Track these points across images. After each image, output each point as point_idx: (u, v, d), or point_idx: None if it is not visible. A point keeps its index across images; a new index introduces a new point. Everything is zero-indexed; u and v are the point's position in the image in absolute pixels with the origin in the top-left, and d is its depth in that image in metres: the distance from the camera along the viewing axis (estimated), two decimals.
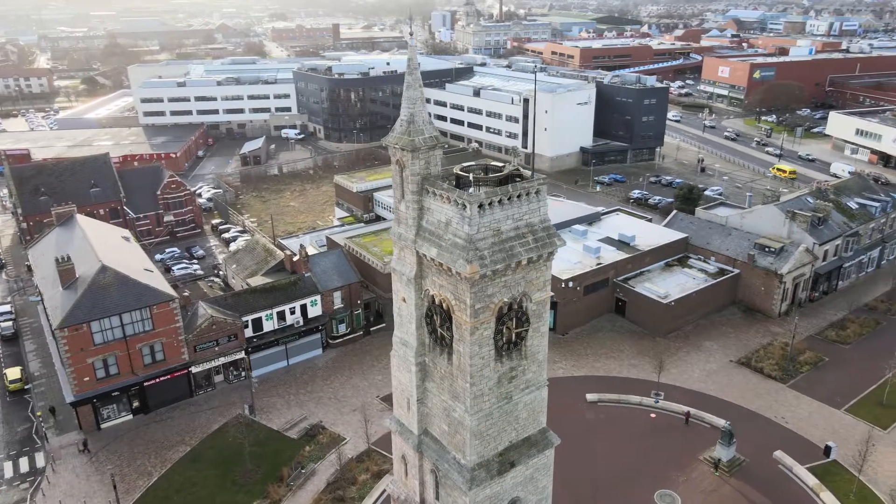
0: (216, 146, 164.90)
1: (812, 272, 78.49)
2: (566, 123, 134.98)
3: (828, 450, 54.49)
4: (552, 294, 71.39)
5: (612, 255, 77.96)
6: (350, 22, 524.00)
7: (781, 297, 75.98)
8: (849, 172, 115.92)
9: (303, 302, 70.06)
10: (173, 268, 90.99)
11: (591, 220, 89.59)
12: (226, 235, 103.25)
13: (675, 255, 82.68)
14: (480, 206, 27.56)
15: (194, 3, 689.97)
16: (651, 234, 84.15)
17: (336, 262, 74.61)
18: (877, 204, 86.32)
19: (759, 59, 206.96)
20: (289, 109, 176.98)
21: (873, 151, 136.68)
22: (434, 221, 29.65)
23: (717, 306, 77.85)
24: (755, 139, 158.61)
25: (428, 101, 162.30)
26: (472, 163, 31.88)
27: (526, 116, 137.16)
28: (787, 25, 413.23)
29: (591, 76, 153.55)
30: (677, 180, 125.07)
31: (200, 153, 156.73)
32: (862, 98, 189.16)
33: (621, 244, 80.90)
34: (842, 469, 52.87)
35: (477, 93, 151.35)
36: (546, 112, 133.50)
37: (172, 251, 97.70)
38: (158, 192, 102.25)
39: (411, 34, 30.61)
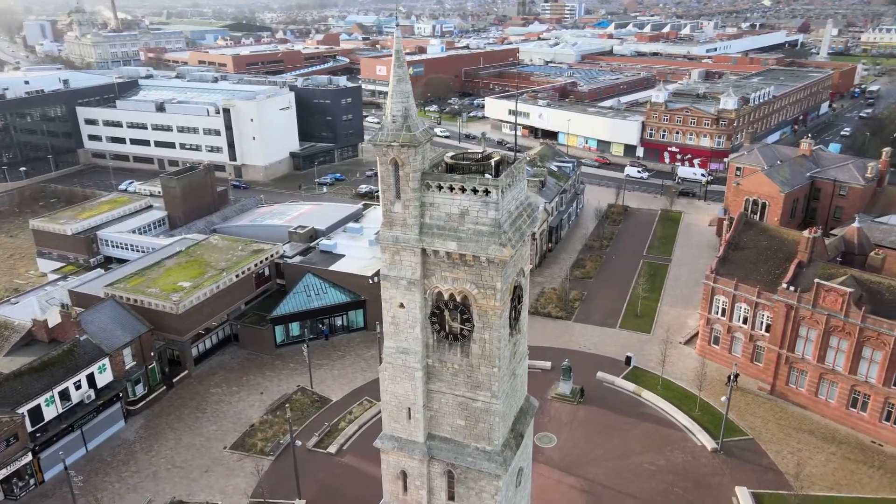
0: None
1: (547, 227, 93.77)
2: (273, 130, 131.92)
3: (628, 360, 67.62)
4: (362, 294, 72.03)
5: None
6: None
7: (535, 251, 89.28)
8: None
9: (88, 371, 57.06)
10: None
11: (356, 216, 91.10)
12: None
13: None
14: (501, 190, 28.22)
15: None
16: None
17: (112, 314, 62.20)
18: (569, 165, 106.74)
19: (406, 58, 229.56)
20: None
21: (525, 127, 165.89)
22: (441, 216, 29.03)
23: None
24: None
25: (94, 122, 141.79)
26: (453, 152, 31.74)
27: (229, 127, 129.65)
28: (400, 28, 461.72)
29: (281, 81, 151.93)
30: None
31: None
32: (491, 86, 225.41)
33: None
34: (643, 371, 66.27)
35: (161, 108, 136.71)
36: (252, 120, 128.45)
37: None
38: None
39: (397, 25, 28.81)
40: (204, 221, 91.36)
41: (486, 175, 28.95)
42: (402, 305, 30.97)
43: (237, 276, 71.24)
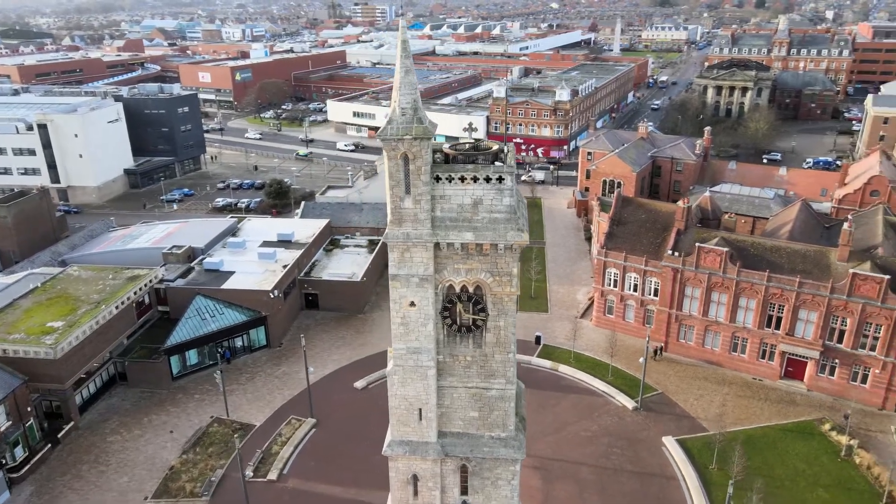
0: None
1: None
2: (103, 146, 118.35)
3: (538, 339, 71.07)
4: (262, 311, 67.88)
5: (287, 256, 77.28)
6: None
7: None
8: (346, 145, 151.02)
9: None
10: None
11: (232, 230, 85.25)
12: None
13: (326, 240, 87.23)
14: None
15: None
16: (297, 227, 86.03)
17: None
18: None
19: (232, 63, 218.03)
20: None
21: (371, 128, 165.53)
22: (453, 208, 28.76)
23: (380, 271, 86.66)
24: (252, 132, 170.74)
25: None
26: (447, 143, 31.25)
27: (48, 145, 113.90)
28: (205, 33, 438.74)
29: (102, 90, 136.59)
30: (246, 181, 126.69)
31: None
32: (324, 89, 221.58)
33: (284, 243, 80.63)
34: (553, 348, 70.04)
35: None
36: (76, 136, 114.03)
37: None
38: None
39: (401, 15, 27.38)
40: (48, 253, 79.72)
41: (498, 164, 29.10)
42: (412, 304, 30.10)
43: (117, 307, 63.38)
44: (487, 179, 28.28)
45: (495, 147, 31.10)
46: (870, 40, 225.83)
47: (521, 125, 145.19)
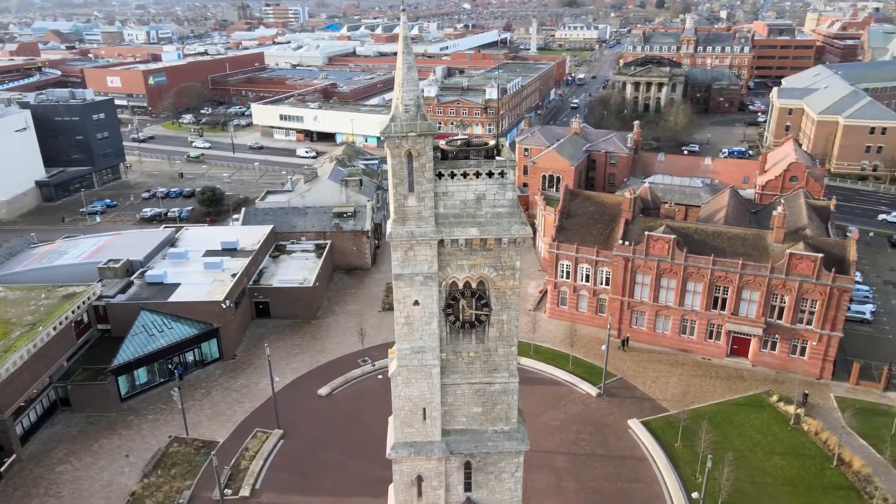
0: None
1: (373, 223, 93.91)
2: (11, 157, 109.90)
3: None
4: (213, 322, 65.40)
5: (234, 264, 74.45)
6: None
7: (370, 249, 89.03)
8: (308, 152, 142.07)
9: None
10: None
11: (171, 241, 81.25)
12: None
13: (271, 246, 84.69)
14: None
15: None
16: (240, 234, 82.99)
17: None
18: (374, 162, 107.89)
19: (143, 67, 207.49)
20: None
21: (299, 131, 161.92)
22: (456, 204, 28.75)
23: (329, 275, 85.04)
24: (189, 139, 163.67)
25: None
26: (443, 141, 31.03)
27: None
28: (105, 35, 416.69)
29: (5, 97, 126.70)
30: (173, 190, 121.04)
31: None
32: (244, 92, 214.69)
33: (229, 251, 77.66)
34: None
35: None
36: None
37: None
38: None
39: (403, 10, 26.71)
40: None
41: (499, 158, 29.21)
42: (416, 303, 29.77)
43: (55, 328, 59.08)
44: (490, 174, 28.41)
45: (491, 143, 31.26)
46: (766, 38, 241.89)
47: (452, 124, 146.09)
